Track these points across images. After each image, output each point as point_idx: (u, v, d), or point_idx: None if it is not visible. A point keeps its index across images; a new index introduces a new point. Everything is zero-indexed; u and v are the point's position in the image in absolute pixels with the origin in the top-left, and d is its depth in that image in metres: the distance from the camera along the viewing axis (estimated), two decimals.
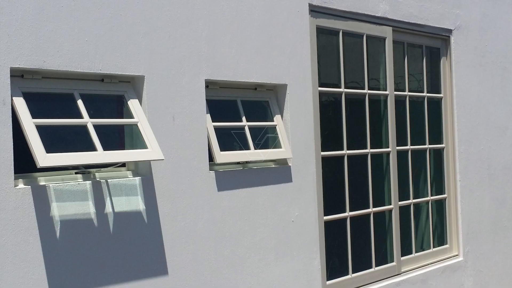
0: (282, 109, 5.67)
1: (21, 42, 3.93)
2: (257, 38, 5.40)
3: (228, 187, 5.09)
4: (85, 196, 4.20)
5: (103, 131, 4.32)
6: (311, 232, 5.82)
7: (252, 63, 5.35)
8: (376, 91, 6.79)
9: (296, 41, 5.75)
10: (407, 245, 7.15)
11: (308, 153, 5.83)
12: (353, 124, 6.45)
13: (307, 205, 5.79)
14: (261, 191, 5.38)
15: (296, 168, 5.70)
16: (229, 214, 5.11)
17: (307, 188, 5.79)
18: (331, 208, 6.14)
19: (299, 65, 5.76)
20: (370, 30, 6.64)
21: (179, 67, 4.79)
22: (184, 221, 4.78)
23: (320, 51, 6.08)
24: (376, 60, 6.83)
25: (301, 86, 5.79)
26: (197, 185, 4.87)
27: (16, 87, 3.98)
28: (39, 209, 3.97)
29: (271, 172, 5.50)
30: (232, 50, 5.19)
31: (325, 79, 6.21)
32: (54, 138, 4.10)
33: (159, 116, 4.65)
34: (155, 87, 4.63)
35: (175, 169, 4.73)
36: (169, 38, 4.74)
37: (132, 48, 4.50)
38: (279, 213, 5.54)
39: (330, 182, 6.16)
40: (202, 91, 4.93)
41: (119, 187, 4.38)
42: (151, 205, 4.55)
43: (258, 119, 5.55)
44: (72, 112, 4.24)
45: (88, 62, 4.24)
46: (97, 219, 4.24)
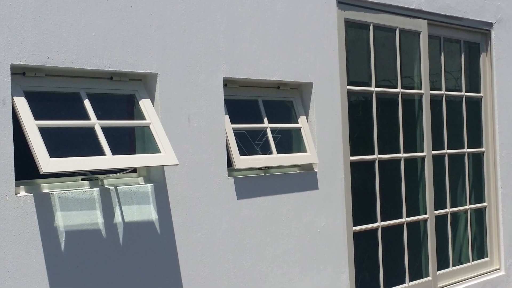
0: (307, 110, 5.68)
1: (22, 37, 3.91)
2: (280, 32, 5.40)
3: (248, 194, 5.09)
4: (92, 204, 4.19)
5: (112, 133, 4.32)
6: (339, 244, 5.82)
7: (275, 60, 5.35)
8: (410, 90, 6.79)
9: (322, 35, 5.75)
10: (443, 258, 7.15)
11: (336, 158, 5.83)
12: (384, 126, 6.45)
13: (334, 214, 5.79)
14: (284, 199, 5.38)
15: (323, 174, 5.71)
16: (249, 224, 5.10)
17: (334, 196, 5.80)
18: (361, 217, 6.15)
19: (326, 61, 5.76)
20: (403, 24, 6.64)
21: (195, 64, 4.78)
22: (200, 232, 4.78)
23: (348, 46, 6.08)
24: (410, 57, 6.82)
25: (328, 84, 5.79)
26: (214, 193, 4.87)
27: (17, 86, 3.97)
28: (42, 218, 3.95)
29: (296, 178, 5.50)
30: (253, 46, 5.18)
31: (354, 77, 6.23)
32: (58, 141, 4.09)
33: (173, 117, 4.64)
34: (169, 86, 4.62)
35: (191, 175, 4.73)
36: (184, 32, 4.73)
37: (143, 43, 4.48)
38: (304, 223, 5.53)
39: (360, 190, 6.18)
40: (220, 90, 4.93)
41: (129, 195, 4.37)
42: (164, 215, 4.54)
43: (281, 121, 5.56)
44: (78, 113, 4.23)
45: (96, 58, 4.23)
46: (106, 229, 4.23)
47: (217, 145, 4.89)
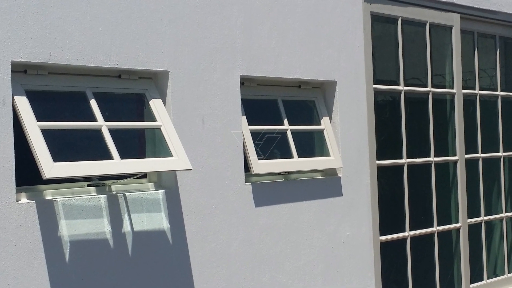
0: (330, 110, 5.68)
1: (24, 32, 3.90)
2: (301, 26, 5.39)
3: (267, 202, 5.09)
4: (99, 212, 4.17)
5: (121, 136, 4.32)
6: (365, 254, 5.82)
7: (296, 57, 5.34)
8: (441, 89, 6.79)
9: (347, 30, 5.75)
10: (477, 270, 7.14)
11: (361, 162, 5.82)
12: (414, 128, 6.45)
13: (360, 223, 5.79)
14: (305, 206, 5.37)
15: (347, 179, 5.70)
16: (268, 234, 5.10)
17: (360, 203, 5.79)
18: (388, 226, 6.15)
19: (351, 58, 5.76)
20: (434, 18, 6.63)
21: (210, 61, 4.78)
22: (216, 242, 4.77)
23: (375, 42, 6.07)
24: (441, 53, 6.81)
25: (353, 83, 5.78)
26: (230, 200, 4.87)
27: (18, 85, 3.95)
28: (45, 227, 3.94)
29: (318, 184, 5.51)
30: (272, 41, 5.18)
31: (381, 75, 6.23)
32: (62, 144, 4.09)
33: (186, 119, 4.63)
34: (182, 85, 4.62)
35: (205, 181, 4.72)
36: (198, 26, 4.72)
37: (154, 38, 4.47)
38: (327, 233, 5.53)
39: (387, 196, 6.18)
40: (236, 89, 4.93)
41: (139, 202, 4.36)
42: (176, 223, 4.54)
43: (303, 122, 5.56)
44: (84, 113, 4.23)
45: (103, 55, 4.22)
46: (113, 239, 4.22)
47: (234, 149, 4.89)
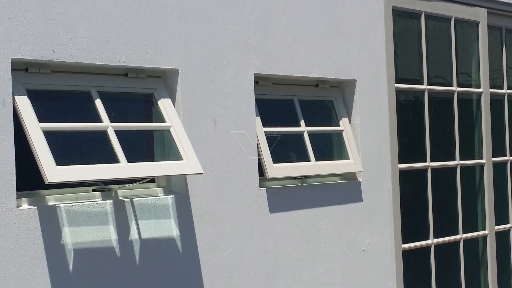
0: (350, 111, 5.68)
1: (25, 28, 3.89)
2: (318, 22, 5.38)
3: (282, 207, 5.09)
4: (105, 219, 4.17)
5: (127, 138, 4.32)
6: (386, 263, 5.81)
7: (313, 54, 5.33)
8: (467, 88, 6.78)
9: (367, 25, 5.74)
10: (505, 280, 7.12)
11: (383, 166, 5.82)
12: (438, 130, 6.44)
13: (381, 230, 5.79)
14: (323, 212, 5.37)
15: (368, 184, 5.70)
16: (284, 242, 5.09)
17: (381, 209, 5.79)
18: (411, 234, 6.14)
19: (371, 55, 5.75)
20: (460, 13, 6.61)
21: (222, 58, 4.77)
22: (228, 250, 4.77)
23: (397, 38, 6.07)
24: (466, 50, 6.81)
25: (373, 82, 5.77)
26: (244, 206, 4.86)
27: (18, 84, 3.94)
28: (48, 235, 3.93)
29: (336, 189, 5.51)
30: (288, 37, 5.17)
31: (403, 74, 6.21)
32: (66, 147, 4.09)
33: (197, 120, 4.63)
34: (192, 84, 4.61)
35: (217, 186, 4.72)
36: (210, 22, 4.72)
37: (163, 34, 4.47)
38: (346, 240, 5.53)
39: (410, 202, 6.17)
40: (250, 88, 4.93)
41: (147, 208, 4.35)
42: (186, 230, 4.54)
43: (320, 123, 5.56)
44: (88, 114, 4.23)
45: (109, 52, 4.21)
46: (120, 247, 4.22)
47: (247, 151, 4.89)
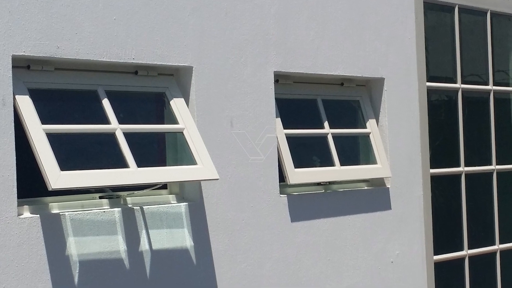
0: (377, 112, 5.67)
1: (26, 22, 3.87)
2: (343, 16, 5.38)
3: (305, 216, 5.08)
4: (113, 228, 4.15)
5: (137, 141, 4.31)
6: (417, 276, 5.80)
7: (337, 50, 5.32)
8: (504, 87, 6.78)
9: (396, 20, 5.73)
10: None
11: (413, 171, 5.80)
12: (473, 132, 6.44)
13: (411, 240, 5.77)
14: (349, 221, 5.36)
15: (397, 190, 5.68)
16: (306, 253, 5.08)
17: (411, 217, 5.77)
18: (444, 244, 6.13)
19: (401, 52, 5.74)
20: (496, 5, 6.60)
21: (239, 55, 4.76)
22: (246, 262, 4.75)
23: (428, 33, 6.05)
24: (503, 46, 6.79)
25: (403, 80, 5.76)
26: (263, 214, 4.85)
27: (20, 82, 3.93)
28: (51, 245, 3.91)
29: (363, 196, 5.50)
30: (310, 32, 5.16)
31: (435, 72, 6.20)
32: (71, 150, 4.08)
33: (212, 121, 4.62)
34: (207, 82, 4.60)
35: (234, 193, 4.70)
36: (226, 15, 4.70)
37: (176, 29, 4.45)
38: (373, 252, 5.52)
39: (442, 210, 6.16)
40: (270, 87, 4.92)
41: (158, 216, 4.33)
42: (201, 241, 4.52)
43: (346, 125, 5.55)
44: (95, 115, 4.22)
45: (117, 48, 4.20)
46: (129, 259, 4.20)
47: (267, 155, 4.88)
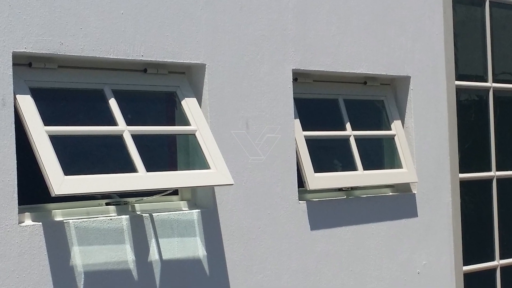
0: (403, 112, 5.66)
1: (28, 16, 3.85)
2: (366, 10, 5.36)
3: (325, 224, 5.07)
4: (120, 237, 4.13)
5: (146, 143, 4.30)
6: (446, 287, 5.75)
7: (360, 47, 5.30)
8: None
9: (423, 14, 5.71)
10: None
11: (441, 176, 5.78)
12: (505, 134, 6.42)
13: (439, 249, 5.75)
14: (372, 230, 5.35)
15: (424, 196, 5.66)
16: (326, 263, 5.06)
17: (439, 225, 5.75)
18: (474, 254, 6.12)
19: (428, 49, 5.72)
20: None
21: (255, 52, 4.75)
22: (263, 273, 4.73)
23: (458, 29, 6.03)
24: None
25: (430, 79, 5.74)
26: (281, 222, 4.83)
27: (20, 81, 3.91)
28: (54, 255, 3.88)
29: (388, 202, 5.49)
30: (331, 28, 5.14)
31: (464, 70, 6.18)
32: (75, 154, 4.07)
33: (227, 122, 4.60)
34: (221, 81, 4.59)
35: (250, 199, 4.69)
36: (241, 10, 4.69)
37: (188, 24, 4.44)
38: (399, 262, 5.50)
39: (473, 217, 6.14)
40: (288, 86, 4.91)
41: (168, 224, 4.32)
42: (214, 250, 4.51)
43: (369, 127, 5.54)
44: (101, 116, 4.21)
45: (125, 44, 4.18)
46: (138, 270, 4.17)
47: (285, 159, 4.86)
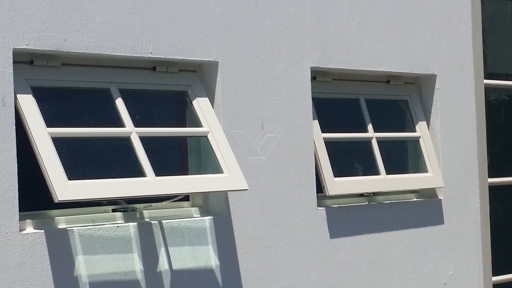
0: (428, 113, 5.64)
1: (30, 11, 3.84)
2: (389, 4, 5.35)
3: (346, 231, 5.05)
4: (128, 245, 4.11)
5: (156, 146, 4.30)
6: None
7: (383, 43, 5.29)
8: None
9: (449, 9, 5.69)
10: None
11: (469, 180, 5.77)
12: None
13: (466, 259, 5.73)
14: (396, 238, 5.32)
15: (451, 202, 5.64)
16: (347, 273, 5.05)
17: (466, 233, 5.73)
18: (503, 263, 6.13)
19: (455, 46, 5.70)
20: None
21: (271, 49, 4.74)
22: (279, 284, 4.71)
23: (486, 24, 6.02)
24: None
25: (457, 77, 5.72)
26: (298, 229, 4.81)
27: (22, 79, 3.89)
28: (58, 265, 3.86)
29: (412, 208, 5.47)
30: (352, 23, 5.14)
31: (494, 67, 6.19)
32: (79, 157, 4.07)
33: (241, 123, 4.59)
34: (234, 79, 4.57)
35: (265, 205, 4.67)
36: (256, 4, 4.67)
37: (199, 20, 4.42)
38: (424, 272, 5.48)
39: (502, 225, 6.16)
40: (306, 85, 4.89)
41: (179, 232, 4.30)
42: (228, 259, 4.49)
43: (392, 128, 5.53)
44: (107, 117, 4.20)
45: (132, 41, 4.17)
46: (146, 280, 4.16)
47: (303, 162, 4.84)
